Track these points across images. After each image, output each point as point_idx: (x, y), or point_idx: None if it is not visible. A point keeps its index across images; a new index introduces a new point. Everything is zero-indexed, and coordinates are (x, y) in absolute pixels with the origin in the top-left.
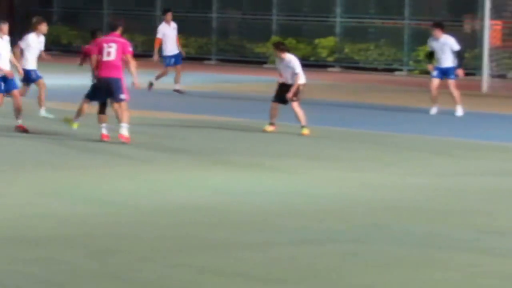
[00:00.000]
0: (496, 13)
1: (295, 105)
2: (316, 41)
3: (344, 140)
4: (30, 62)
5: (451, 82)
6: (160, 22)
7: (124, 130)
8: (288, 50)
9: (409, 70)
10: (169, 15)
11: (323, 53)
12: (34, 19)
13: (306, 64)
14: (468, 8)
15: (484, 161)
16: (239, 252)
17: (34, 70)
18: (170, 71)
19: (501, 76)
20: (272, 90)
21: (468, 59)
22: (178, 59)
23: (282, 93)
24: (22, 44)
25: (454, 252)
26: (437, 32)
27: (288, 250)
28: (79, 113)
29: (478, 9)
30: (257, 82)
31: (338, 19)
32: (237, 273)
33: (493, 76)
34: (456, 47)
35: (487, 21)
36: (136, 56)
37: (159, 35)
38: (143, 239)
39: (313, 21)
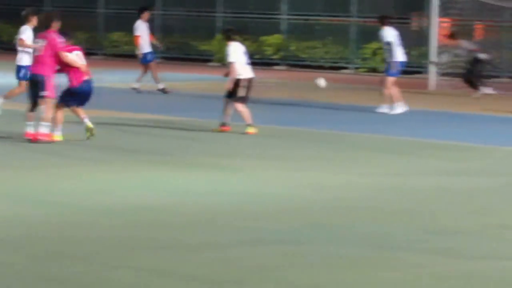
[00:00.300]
0: (444, 10)
1: (239, 105)
2: (262, 38)
3: (291, 139)
4: (26, 58)
5: (386, 78)
6: (102, 19)
7: (44, 129)
8: (234, 39)
9: (356, 68)
10: (146, 14)
11: (269, 51)
12: (25, 12)
13: (252, 62)
14: (415, 5)
15: (431, 160)
16: (185, 253)
17: (25, 68)
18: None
19: (449, 74)
20: (217, 88)
21: (415, 57)
22: (152, 57)
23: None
24: (24, 36)
25: (400, 252)
26: (380, 25)
27: (232, 250)
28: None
29: (426, 6)
30: (202, 80)
31: (284, 16)
32: (183, 275)
33: (440, 74)
34: (387, 38)
35: (435, 19)
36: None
37: (138, 33)
38: (88, 240)
39: (258, 18)
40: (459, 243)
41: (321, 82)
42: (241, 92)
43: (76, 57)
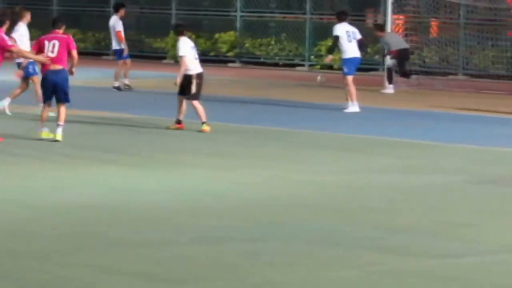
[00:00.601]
0: (398, 7)
1: (194, 102)
2: (216, 35)
3: (245, 137)
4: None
5: (344, 77)
6: (49, 16)
7: None
8: (184, 34)
9: (311, 65)
10: (123, 10)
11: (223, 48)
12: (18, 8)
13: (206, 60)
14: (370, 2)
15: (385, 158)
16: (137, 251)
17: (32, 64)
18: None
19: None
20: (171, 86)
21: (370, 54)
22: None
23: (183, 85)
24: (15, 35)
25: (355, 250)
26: (336, 21)
27: (186, 248)
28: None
29: (381, 3)
30: (156, 78)
31: (238, 14)
32: (135, 273)
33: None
34: (334, 32)
35: (390, 16)
36: None
37: (119, 28)
38: (38, 237)
39: (213, 15)
40: (414, 241)
41: (322, 78)
42: (193, 89)
43: (50, 46)
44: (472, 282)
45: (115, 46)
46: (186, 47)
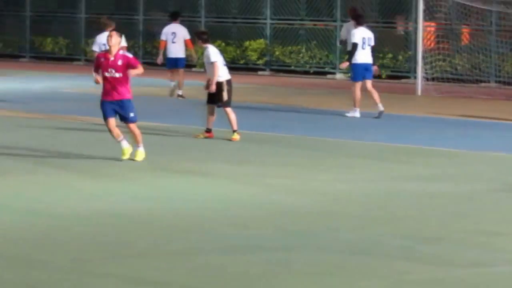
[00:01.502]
0: (429, 14)
1: (227, 109)
2: (246, 43)
3: (273, 146)
4: None
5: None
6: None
7: None
8: (209, 41)
9: (342, 73)
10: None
11: (253, 56)
12: (103, 18)
13: (236, 68)
14: (400, 9)
15: (414, 166)
16: (165, 261)
17: None
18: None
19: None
20: (198, 94)
21: (401, 62)
22: None
23: (212, 93)
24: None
25: (386, 259)
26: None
27: (215, 258)
28: None
29: (411, 11)
30: (185, 86)
31: (268, 21)
32: (162, 282)
33: (427, 78)
34: (353, 39)
35: (420, 23)
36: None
37: (189, 36)
38: (64, 247)
39: (242, 23)
40: (444, 249)
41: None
42: (225, 96)
43: None
44: None
45: (178, 54)
46: (216, 53)
